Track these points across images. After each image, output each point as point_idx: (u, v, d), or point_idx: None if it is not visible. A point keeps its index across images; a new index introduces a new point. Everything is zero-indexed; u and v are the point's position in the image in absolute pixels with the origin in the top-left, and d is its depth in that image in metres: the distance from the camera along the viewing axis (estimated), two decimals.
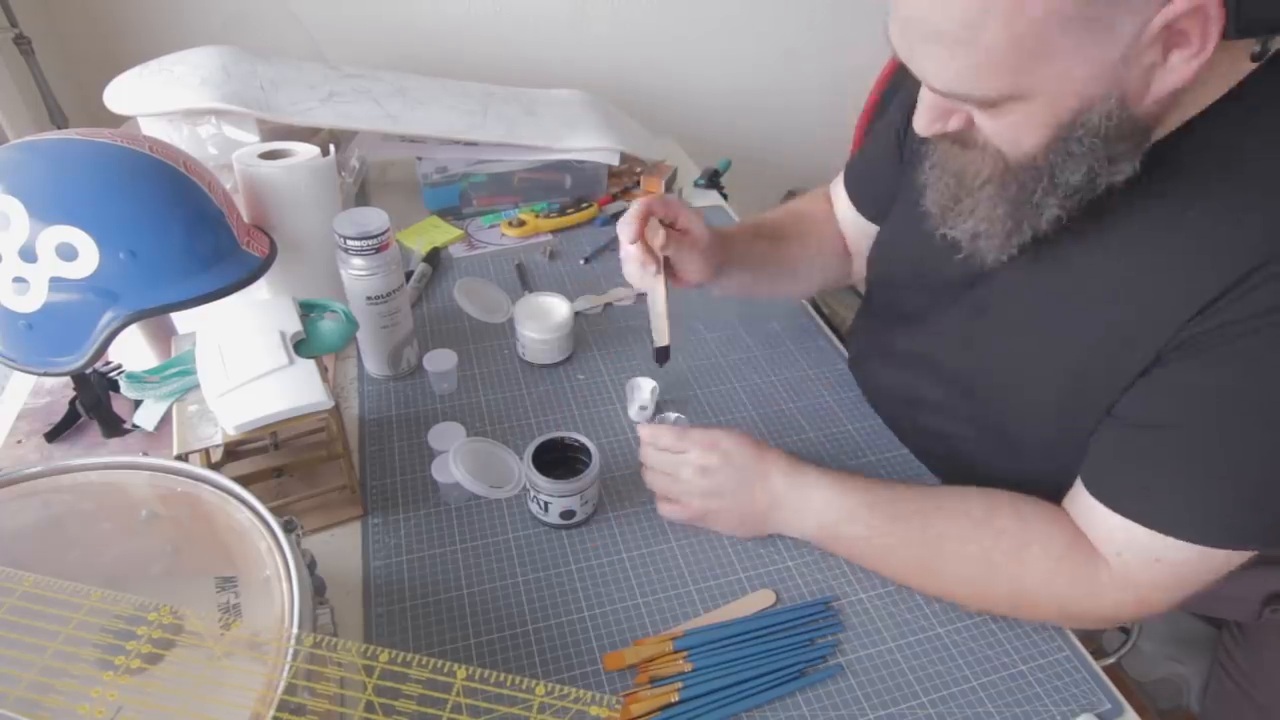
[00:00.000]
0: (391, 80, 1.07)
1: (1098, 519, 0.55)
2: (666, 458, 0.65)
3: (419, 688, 0.39)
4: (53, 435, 0.74)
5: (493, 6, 1.36)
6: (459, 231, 1.09)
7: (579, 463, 0.67)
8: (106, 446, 0.73)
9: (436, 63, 1.37)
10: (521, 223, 1.09)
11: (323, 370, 0.61)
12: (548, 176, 1.16)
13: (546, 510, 0.65)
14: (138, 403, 0.63)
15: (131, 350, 0.76)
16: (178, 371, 0.62)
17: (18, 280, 0.60)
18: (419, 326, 0.91)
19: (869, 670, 0.57)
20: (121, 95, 0.88)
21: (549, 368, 0.85)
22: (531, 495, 0.66)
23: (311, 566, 0.52)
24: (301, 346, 0.63)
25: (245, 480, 0.59)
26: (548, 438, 0.67)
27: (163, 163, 0.65)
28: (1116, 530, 0.54)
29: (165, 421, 0.61)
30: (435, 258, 1.03)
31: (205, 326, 0.63)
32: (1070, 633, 0.60)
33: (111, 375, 0.75)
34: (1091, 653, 0.59)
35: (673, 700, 0.54)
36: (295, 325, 0.63)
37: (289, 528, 0.47)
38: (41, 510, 0.49)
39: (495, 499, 0.68)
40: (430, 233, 1.08)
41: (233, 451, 0.69)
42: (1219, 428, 0.49)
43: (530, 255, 1.06)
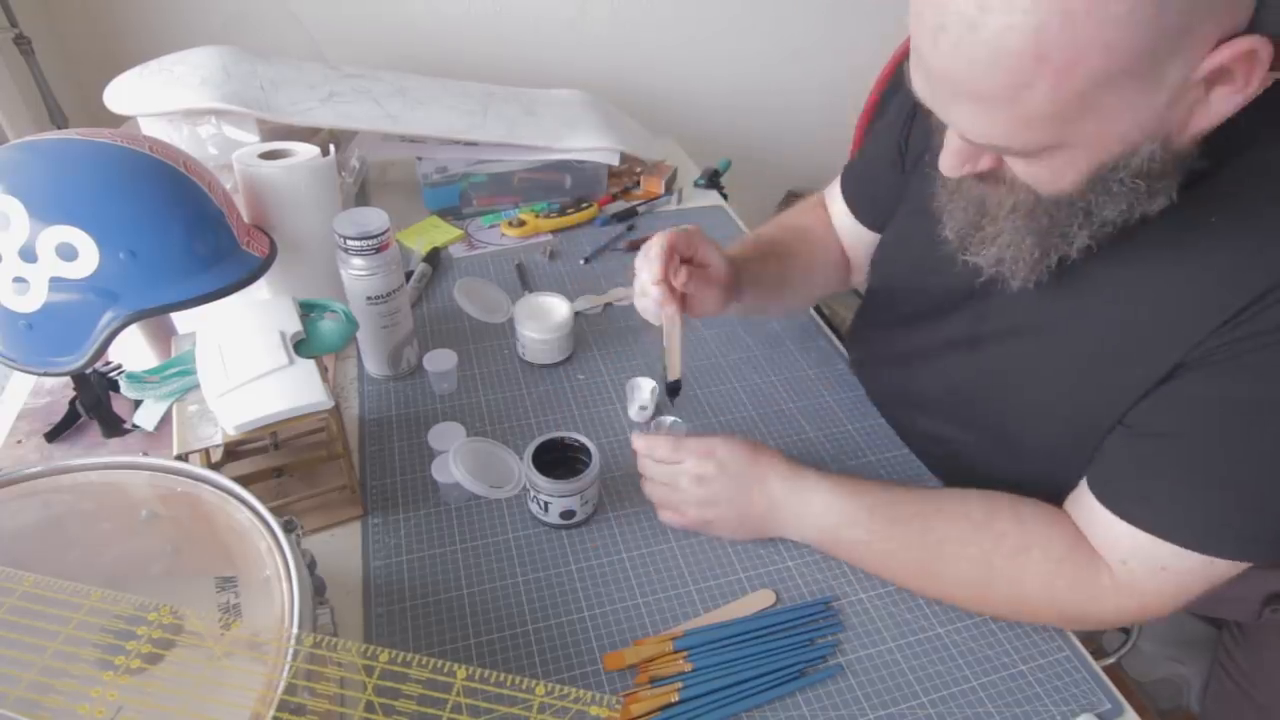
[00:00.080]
0: (391, 80, 1.07)
1: (1104, 525, 0.55)
2: (663, 468, 0.65)
3: (419, 688, 0.39)
4: (53, 435, 0.74)
5: (493, 6, 1.36)
6: (459, 231, 1.09)
7: (579, 463, 0.67)
8: (106, 446, 0.73)
9: (436, 63, 1.37)
10: (521, 223, 1.09)
11: (323, 370, 0.61)
12: (548, 176, 1.16)
13: (546, 510, 0.65)
14: (138, 403, 0.63)
15: (131, 350, 0.76)
16: (178, 371, 0.62)
17: (18, 280, 0.60)
18: (419, 326, 0.91)
19: (869, 670, 0.57)
20: (121, 95, 0.88)
21: (549, 368, 0.85)
22: (531, 495, 0.66)
23: (311, 566, 0.52)
24: (301, 346, 0.63)
25: (245, 480, 0.59)
26: (548, 438, 0.67)
27: (163, 163, 0.65)
28: (1123, 537, 0.54)
29: (165, 421, 0.61)
30: (435, 258, 1.03)
31: (205, 326, 0.63)
32: (1070, 633, 0.60)
33: (111, 375, 0.75)
34: (1091, 653, 0.59)
35: (673, 700, 0.54)
36: (295, 325, 0.63)
37: (289, 528, 0.47)
38: (41, 510, 0.49)
39: (495, 499, 0.68)
40: (430, 233, 1.08)
41: (233, 451, 0.69)
42: (1229, 438, 0.49)
43: (530, 255, 1.06)
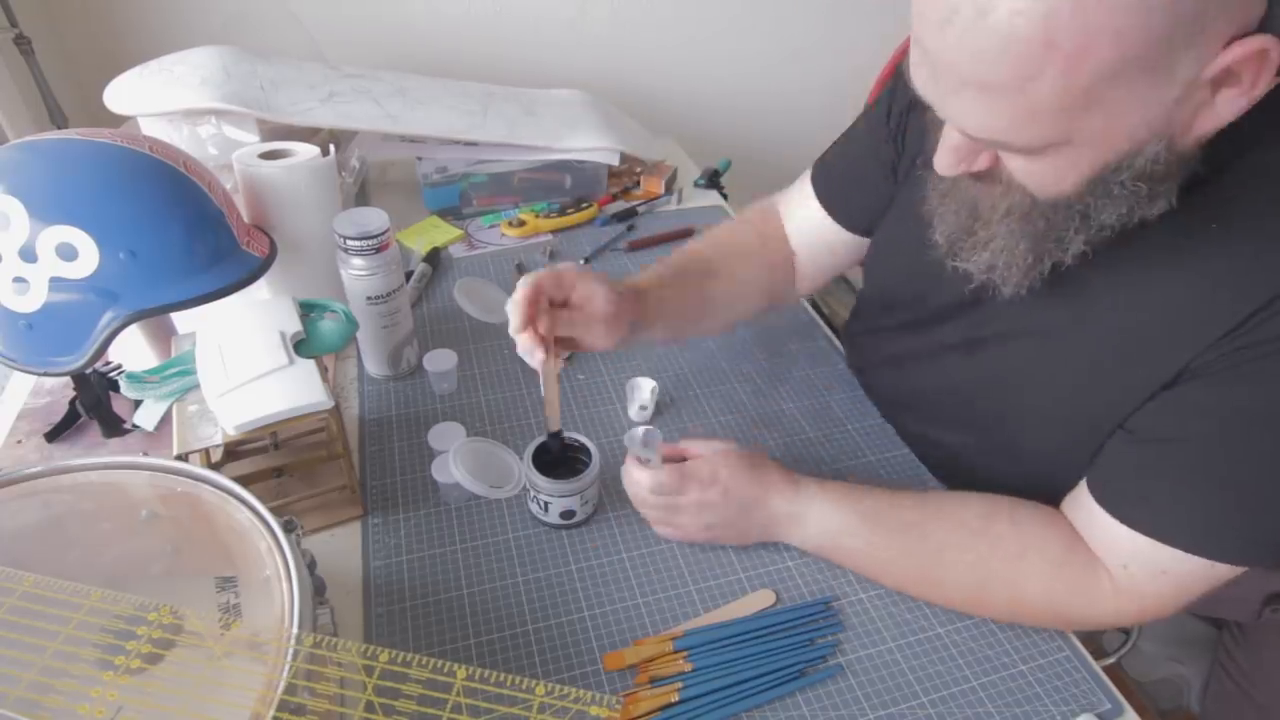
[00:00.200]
0: (391, 80, 1.07)
1: (1103, 529, 0.55)
2: (665, 500, 0.62)
3: (419, 688, 0.39)
4: (53, 435, 0.74)
5: (493, 6, 1.36)
6: (459, 231, 1.09)
7: (579, 463, 0.67)
8: (106, 446, 0.73)
9: (436, 63, 1.37)
10: (521, 223, 1.09)
11: (323, 370, 0.61)
12: (548, 176, 1.16)
13: (546, 510, 0.65)
14: (138, 403, 0.63)
15: (131, 350, 0.76)
16: (178, 371, 0.62)
17: (18, 280, 0.60)
18: (419, 326, 0.91)
19: (869, 670, 0.57)
20: (121, 95, 0.88)
21: None
22: (531, 495, 0.66)
23: (311, 566, 0.52)
24: (301, 346, 0.63)
25: (245, 480, 0.59)
26: (547, 437, 0.67)
27: (163, 163, 0.65)
28: (1123, 541, 0.53)
29: (165, 421, 0.61)
30: (435, 258, 1.03)
31: (205, 326, 0.63)
32: (1070, 633, 0.60)
33: (111, 375, 0.75)
34: (1092, 653, 0.59)
35: (673, 700, 0.54)
36: (295, 325, 0.63)
37: (289, 528, 0.47)
38: (41, 510, 0.49)
39: (495, 499, 0.68)
40: (430, 233, 1.08)
41: (233, 451, 0.69)
42: (1230, 443, 0.49)
43: (530, 255, 1.06)
